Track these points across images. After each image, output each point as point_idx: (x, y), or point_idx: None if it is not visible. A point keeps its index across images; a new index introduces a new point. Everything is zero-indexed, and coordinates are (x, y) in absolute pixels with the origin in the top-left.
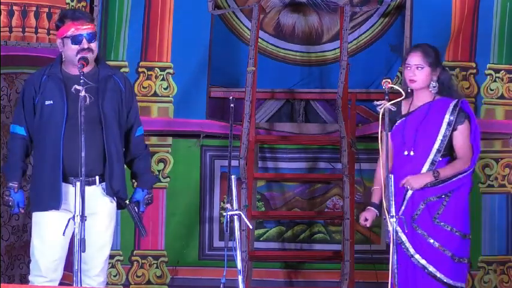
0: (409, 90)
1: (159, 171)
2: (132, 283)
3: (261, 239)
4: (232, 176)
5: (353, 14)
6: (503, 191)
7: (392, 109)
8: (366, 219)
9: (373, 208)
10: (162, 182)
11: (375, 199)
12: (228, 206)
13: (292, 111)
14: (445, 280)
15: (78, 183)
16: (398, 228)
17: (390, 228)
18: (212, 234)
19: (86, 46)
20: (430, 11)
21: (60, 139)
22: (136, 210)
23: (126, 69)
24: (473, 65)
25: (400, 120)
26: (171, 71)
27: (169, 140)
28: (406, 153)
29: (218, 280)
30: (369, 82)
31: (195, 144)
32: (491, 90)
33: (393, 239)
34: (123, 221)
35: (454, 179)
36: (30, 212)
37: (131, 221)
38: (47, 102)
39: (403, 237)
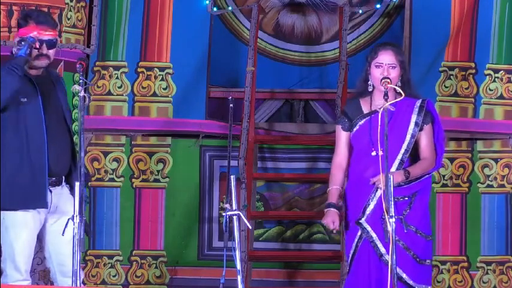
0: (369, 90)
1: (158, 171)
2: (131, 283)
3: (261, 239)
4: (232, 176)
5: (352, 14)
6: (503, 191)
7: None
8: (333, 222)
9: (333, 209)
10: (161, 182)
11: (333, 199)
12: (227, 206)
13: (292, 111)
14: (408, 282)
15: (77, 183)
16: (369, 228)
17: (389, 229)
18: (211, 234)
19: (44, 52)
20: (429, 11)
21: (44, 139)
22: None
23: (126, 69)
24: (473, 65)
25: (364, 120)
26: (170, 71)
27: (169, 140)
28: (374, 153)
29: (217, 280)
30: None
31: (195, 144)
32: (491, 90)
33: (392, 239)
34: (123, 221)
35: (419, 180)
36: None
37: (131, 221)
38: (22, 99)
39: (374, 235)
